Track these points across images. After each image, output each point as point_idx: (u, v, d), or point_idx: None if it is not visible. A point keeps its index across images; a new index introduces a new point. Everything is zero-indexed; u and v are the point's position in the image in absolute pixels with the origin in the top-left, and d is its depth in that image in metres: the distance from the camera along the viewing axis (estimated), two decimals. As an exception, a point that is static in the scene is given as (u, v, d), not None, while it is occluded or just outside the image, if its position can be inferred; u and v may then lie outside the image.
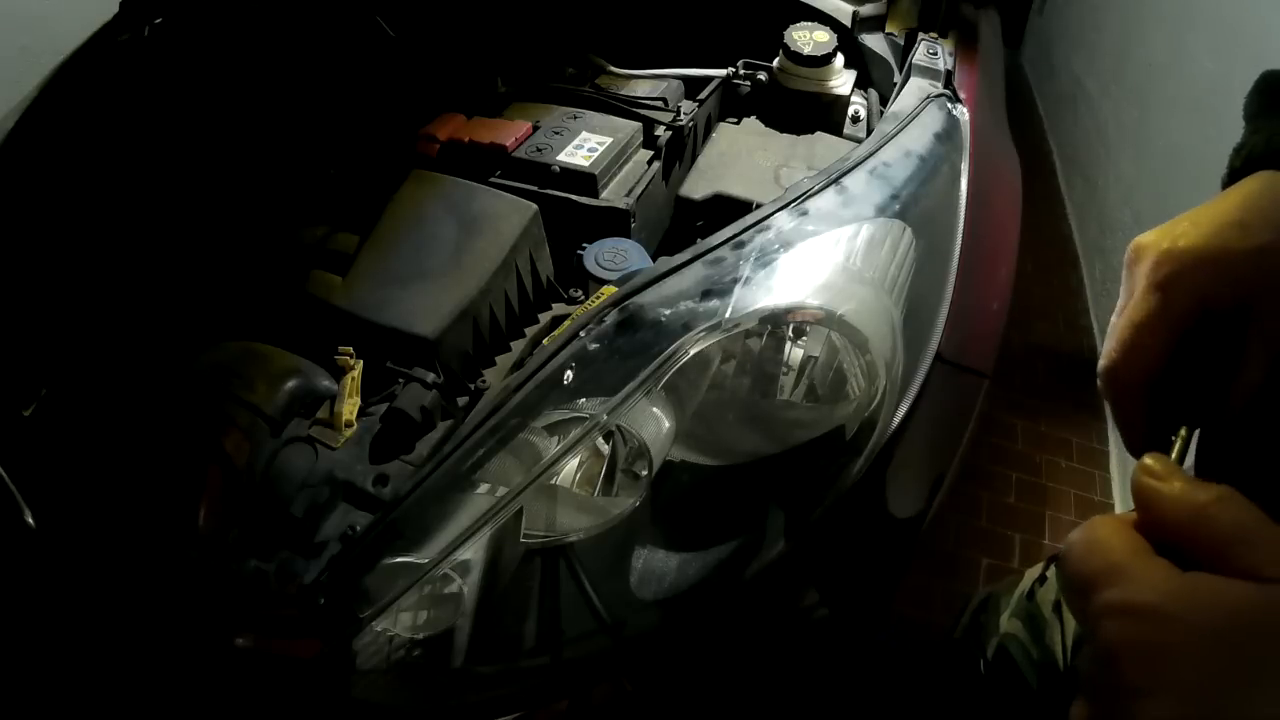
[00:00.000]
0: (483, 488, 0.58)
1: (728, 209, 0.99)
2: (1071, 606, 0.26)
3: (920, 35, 1.13)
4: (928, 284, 0.76)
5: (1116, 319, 0.37)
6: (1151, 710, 0.22)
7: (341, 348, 0.76)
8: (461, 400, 0.79)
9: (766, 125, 1.16)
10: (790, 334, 0.65)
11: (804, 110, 1.14)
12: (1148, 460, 0.27)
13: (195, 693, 0.58)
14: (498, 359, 0.85)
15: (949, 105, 0.97)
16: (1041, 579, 0.70)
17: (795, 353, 0.66)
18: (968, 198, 0.86)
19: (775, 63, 1.16)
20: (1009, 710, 0.69)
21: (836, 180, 0.77)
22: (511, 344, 0.87)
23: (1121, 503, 1.61)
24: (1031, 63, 3.33)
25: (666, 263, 0.68)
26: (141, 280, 0.85)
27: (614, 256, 0.87)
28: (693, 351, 0.61)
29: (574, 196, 0.93)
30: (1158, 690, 0.22)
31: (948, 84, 1.02)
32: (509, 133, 0.98)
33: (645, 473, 0.61)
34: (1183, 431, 0.34)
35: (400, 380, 0.75)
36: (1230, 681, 0.21)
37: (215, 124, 0.98)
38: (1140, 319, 0.35)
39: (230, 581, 0.63)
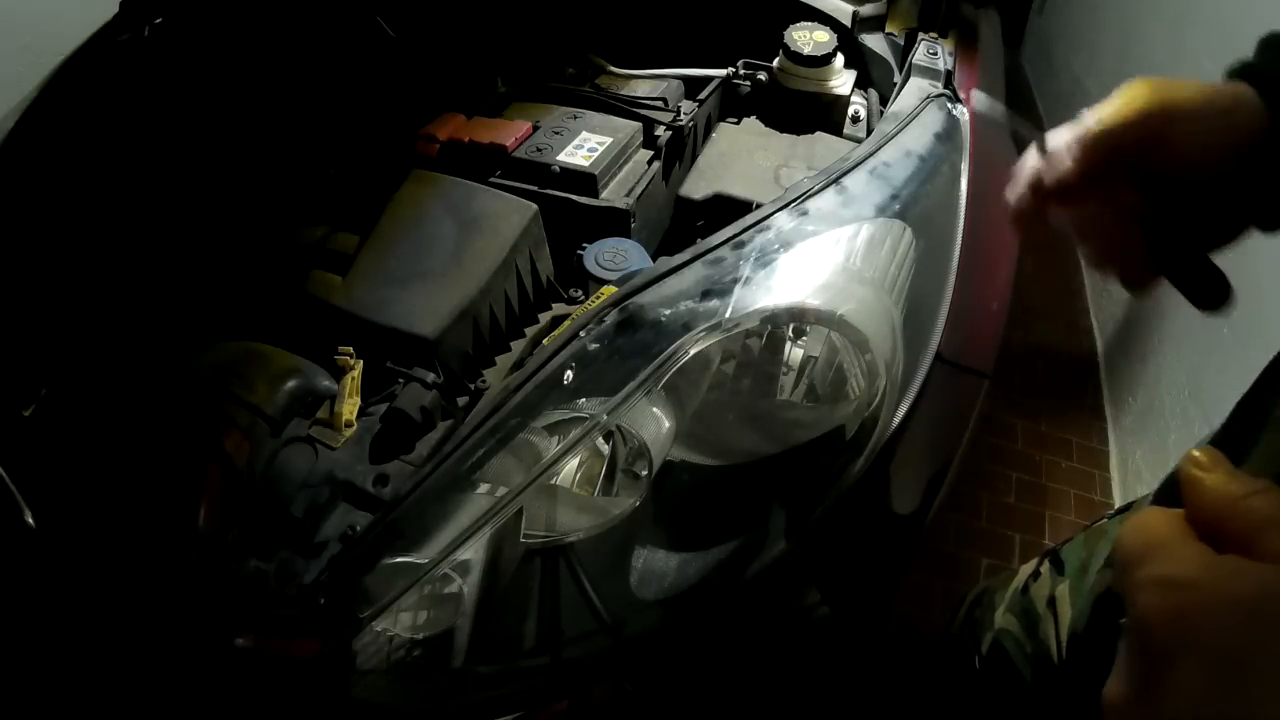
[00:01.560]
0: (483, 488, 0.58)
1: (728, 209, 0.99)
2: (1118, 585, 0.28)
3: (920, 35, 1.13)
4: (928, 284, 0.76)
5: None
6: (1180, 675, 0.23)
7: (341, 348, 0.76)
8: (461, 400, 0.79)
9: (766, 125, 1.16)
10: (790, 334, 0.65)
11: (804, 110, 1.14)
12: (1196, 452, 0.28)
13: (195, 693, 0.58)
14: (498, 359, 0.85)
15: (949, 105, 0.97)
16: (1035, 574, 0.70)
17: (795, 353, 0.66)
18: (968, 198, 0.86)
19: (775, 63, 1.16)
20: (1004, 703, 0.69)
21: (836, 180, 0.77)
22: (511, 344, 0.87)
23: (1121, 502, 1.61)
24: (1031, 63, 3.33)
25: (666, 263, 0.68)
26: (141, 280, 0.85)
27: (614, 256, 0.87)
28: (693, 351, 0.61)
29: (574, 196, 0.93)
30: (1186, 654, 0.23)
31: (948, 84, 1.02)
32: (509, 133, 0.98)
33: (645, 473, 0.61)
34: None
35: (400, 380, 0.75)
36: (1254, 647, 0.22)
37: (215, 124, 0.98)
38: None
39: (230, 581, 0.63)
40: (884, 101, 1.16)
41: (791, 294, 0.65)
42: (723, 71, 1.17)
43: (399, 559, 0.57)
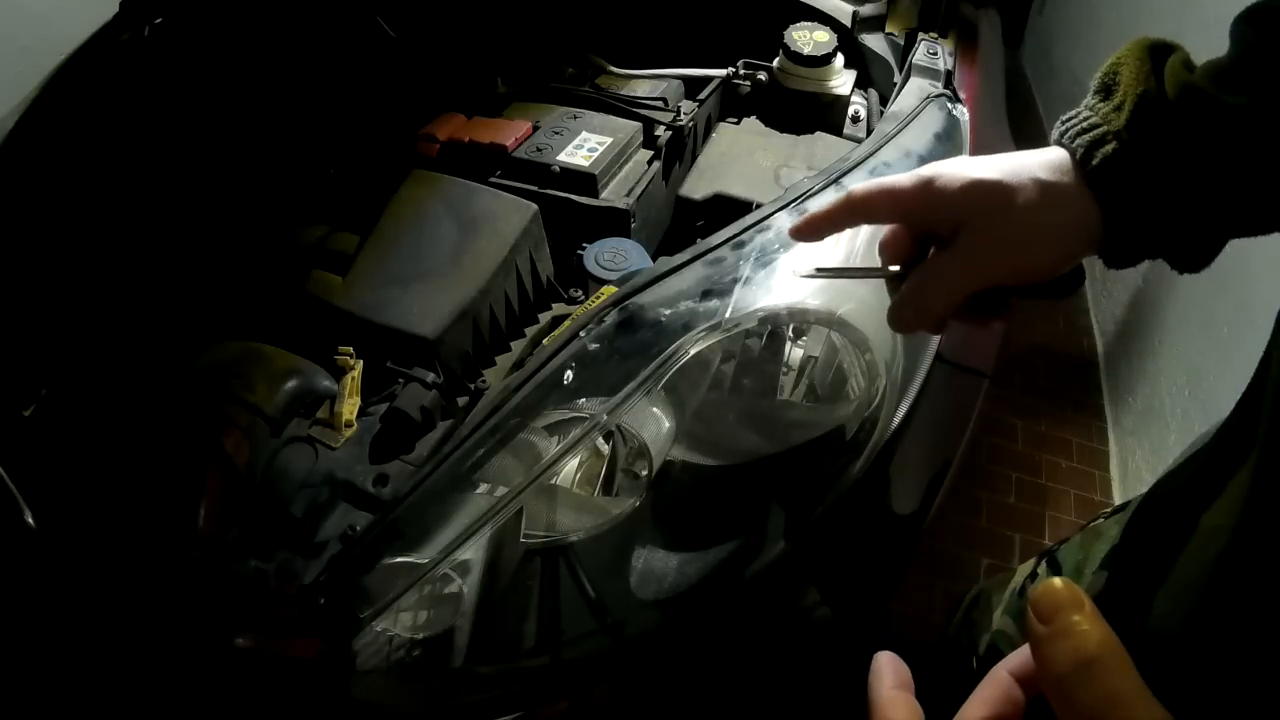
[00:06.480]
0: (483, 488, 0.58)
1: (728, 209, 0.99)
2: None
3: (920, 35, 1.13)
4: (928, 284, 0.76)
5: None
6: None
7: (341, 348, 0.76)
8: (461, 400, 0.79)
9: (766, 125, 1.16)
10: (790, 334, 0.65)
11: (804, 110, 1.14)
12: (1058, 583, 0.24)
13: (195, 693, 0.58)
14: (498, 359, 0.85)
15: (949, 105, 0.97)
16: (1033, 575, 0.70)
17: (795, 353, 0.66)
18: (968, 198, 0.86)
19: (775, 63, 1.16)
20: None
21: (836, 180, 0.77)
22: (511, 344, 0.87)
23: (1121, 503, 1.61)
24: (1031, 63, 3.32)
25: (666, 263, 0.68)
26: (141, 280, 0.85)
27: (614, 256, 0.87)
28: (693, 351, 0.61)
29: (574, 196, 0.93)
30: None
31: (948, 84, 1.01)
32: (509, 133, 0.98)
33: (645, 473, 0.61)
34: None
35: (400, 380, 0.75)
36: None
37: (215, 124, 0.98)
38: None
39: (230, 581, 0.63)
40: (884, 101, 1.15)
41: (791, 294, 0.65)
42: (723, 71, 1.17)
43: (399, 559, 0.57)
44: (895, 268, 0.43)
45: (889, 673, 0.29)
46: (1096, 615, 0.23)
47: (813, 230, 0.44)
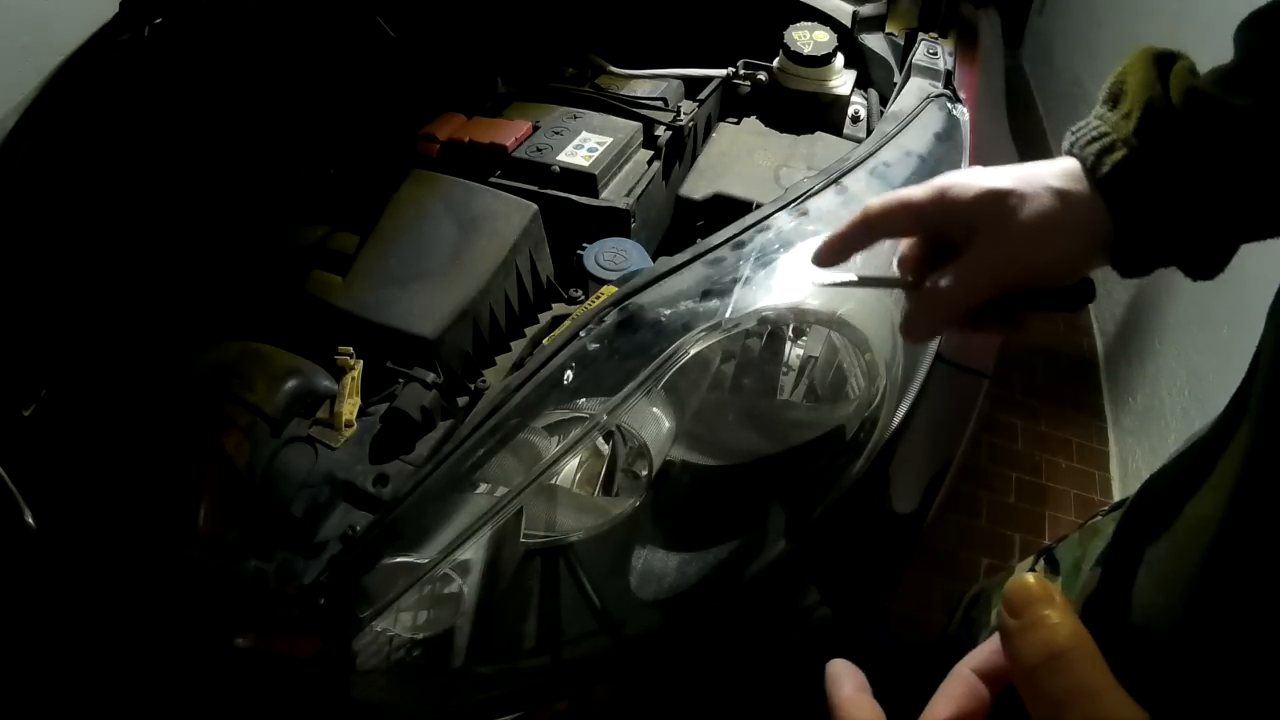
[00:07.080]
0: (483, 488, 0.58)
1: (728, 209, 0.99)
2: None
3: (920, 35, 1.13)
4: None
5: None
6: None
7: (341, 348, 0.76)
8: (461, 400, 0.79)
9: (766, 125, 1.16)
10: (790, 334, 0.65)
11: (804, 110, 1.14)
12: (1018, 586, 0.24)
13: (195, 693, 0.58)
14: (498, 359, 0.85)
15: (949, 105, 0.97)
16: (1030, 573, 0.70)
17: (795, 353, 0.66)
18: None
19: (775, 63, 1.16)
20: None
21: (836, 180, 0.77)
22: (511, 344, 0.87)
23: (1121, 503, 1.61)
24: (1031, 63, 3.32)
25: (666, 263, 0.68)
26: (142, 281, 0.85)
27: (614, 256, 0.87)
28: (693, 351, 0.61)
29: (574, 196, 0.93)
30: None
31: (948, 84, 1.01)
32: (509, 133, 0.98)
33: (645, 473, 0.61)
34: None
35: (400, 380, 0.75)
36: None
37: (215, 124, 0.98)
38: None
39: (230, 581, 0.63)
40: (884, 101, 1.15)
41: (791, 294, 0.65)
42: (723, 71, 1.17)
43: (399, 559, 0.57)
44: (912, 279, 0.43)
45: (847, 677, 0.30)
46: (1067, 609, 0.23)
47: (834, 253, 0.43)
